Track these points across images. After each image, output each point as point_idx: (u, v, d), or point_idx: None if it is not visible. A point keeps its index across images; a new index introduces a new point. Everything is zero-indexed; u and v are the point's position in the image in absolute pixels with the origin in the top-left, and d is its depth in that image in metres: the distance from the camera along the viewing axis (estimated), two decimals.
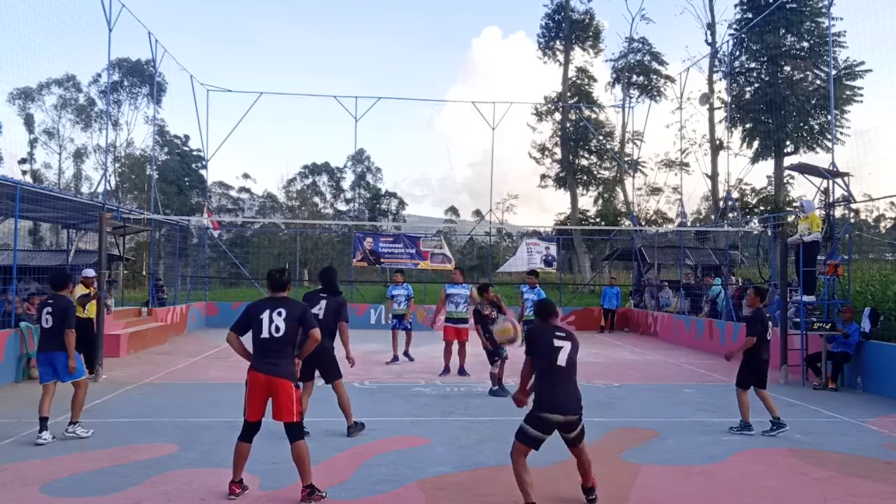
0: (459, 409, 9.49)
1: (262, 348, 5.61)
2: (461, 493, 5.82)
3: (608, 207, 37.25)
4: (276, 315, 5.60)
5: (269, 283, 5.88)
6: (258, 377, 5.54)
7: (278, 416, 5.54)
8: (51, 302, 7.54)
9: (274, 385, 5.51)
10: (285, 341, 5.61)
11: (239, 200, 57.07)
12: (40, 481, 5.96)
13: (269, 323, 5.58)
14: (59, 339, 7.38)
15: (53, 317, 7.43)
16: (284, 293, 5.84)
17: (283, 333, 5.58)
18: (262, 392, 5.54)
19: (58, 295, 7.66)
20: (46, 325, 7.46)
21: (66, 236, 20.55)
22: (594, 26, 36.80)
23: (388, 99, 53.83)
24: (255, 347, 5.65)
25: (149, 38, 19.44)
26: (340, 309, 7.77)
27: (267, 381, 5.51)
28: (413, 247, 24.89)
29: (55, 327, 7.40)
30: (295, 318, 5.65)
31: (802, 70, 29.13)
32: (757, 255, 23.10)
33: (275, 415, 5.56)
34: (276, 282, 5.84)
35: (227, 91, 24.36)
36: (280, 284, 5.84)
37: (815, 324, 11.91)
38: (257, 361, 5.58)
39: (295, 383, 5.62)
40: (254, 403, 5.57)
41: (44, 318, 7.48)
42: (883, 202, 33.61)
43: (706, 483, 6.28)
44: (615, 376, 12.86)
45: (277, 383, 5.51)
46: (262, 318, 5.61)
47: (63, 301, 7.58)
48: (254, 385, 5.56)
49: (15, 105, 49.36)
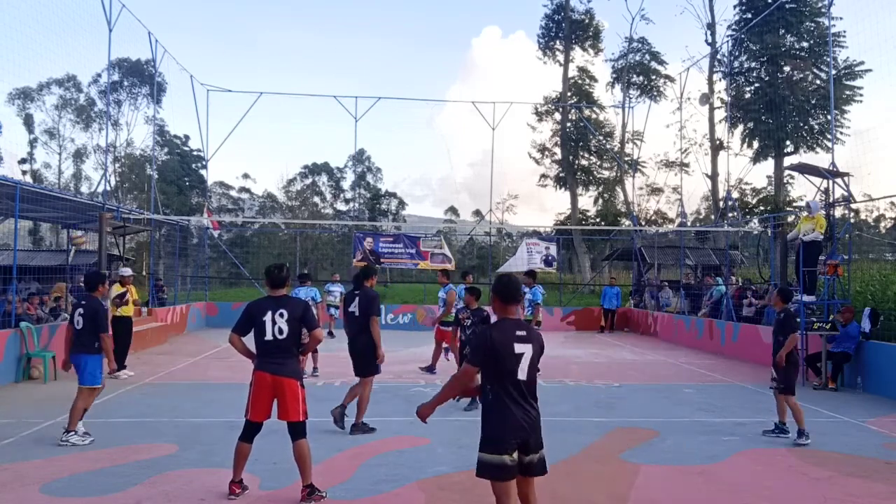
0: (459, 409, 9.48)
1: (266, 350, 5.57)
2: (461, 493, 5.81)
3: (608, 207, 37.23)
4: (278, 317, 5.54)
5: (269, 281, 5.78)
6: (265, 377, 5.50)
7: (284, 415, 5.51)
8: (83, 303, 7.48)
9: (280, 385, 5.49)
10: (289, 342, 5.57)
11: (239, 200, 57.01)
12: (40, 481, 5.96)
13: (272, 325, 5.52)
14: (86, 342, 7.35)
15: (84, 319, 7.35)
16: (284, 290, 5.77)
17: (286, 335, 5.54)
18: (268, 392, 5.52)
19: (90, 296, 7.55)
20: (78, 327, 7.41)
21: (67, 236, 20.56)
22: (594, 26, 36.81)
23: (388, 99, 53.94)
24: (259, 349, 5.60)
25: (149, 38, 19.47)
26: (371, 303, 7.85)
27: (273, 381, 5.48)
28: (413, 247, 24.90)
29: (85, 329, 7.36)
30: (297, 318, 5.60)
31: (802, 70, 29.12)
32: (757, 255, 23.12)
33: (280, 414, 5.52)
34: (275, 279, 5.74)
35: (227, 91, 24.40)
36: (280, 281, 5.74)
37: (815, 324, 11.92)
38: (262, 362, 5.54)
39: (301, 382, 5.60)
40: (258, 404, 5.53)
41: (76, 319, 7.42)
42: (883, 202, 33.64)
43: (706, 483, 6.28)
44: (615, 376, 12.86)
45: (284, 383, 5.49)
46: (264, 319, 5.54)
47: (94, 303, 7.45)
48: (260, 385, 5.51)
49: (14, 105, 49.39)
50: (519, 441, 3.95)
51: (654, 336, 21.40)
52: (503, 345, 3.97)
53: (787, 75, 29.30)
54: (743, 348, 15.71)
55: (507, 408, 3.95)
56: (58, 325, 12.82)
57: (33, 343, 11.66)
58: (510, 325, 4.08)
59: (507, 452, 3.92)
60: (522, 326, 4.12)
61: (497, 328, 4.09)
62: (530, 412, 4.01)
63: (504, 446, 3.92)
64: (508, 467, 3.94)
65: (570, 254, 36.18)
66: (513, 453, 3.95)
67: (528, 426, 3.97)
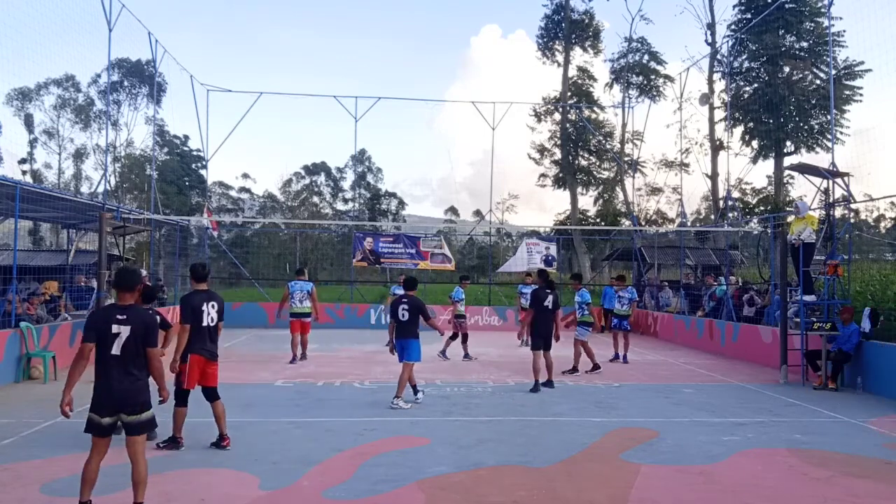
0: (459, 409, 9.49)
1: (202, 335, 6.94)
2: (461, 493, 5.82)
3: (608, 207, 37.24)
4: (210, 307, 7.01)
5: (196, 276, 7.12)
6: (200, 360, 6.99)
7: (207, 383, 7.12)
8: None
9: (211, 366, 7.09)
10: (216, 328, 7.08)
11: (239, 200, 57.03)
12: (40, 481, 5.97)
13: (207, 314, 6.97)
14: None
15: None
16: (206, 285, 7.14)
17: (216, 322, 7.07)
18: (200, 370, 7.03)
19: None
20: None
21: (67, 236, 20.55)
22: (594, 26, 36.81)
23: (388, 99, 53.95)
24: (196, 334, 6.90)
25: (149, 38, 19.46)
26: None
27: (206, 363, 7.03)
28: (413, 247, 24.90)
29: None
30: (221, 308, 7.15)
31: (802, 70, 29.12)
32: (757, 255, 23.10)
33: (205, 382, 7.10)
34: (200, 274, 7.15)
35: (227, 91, 24.39)
36: (204, 276, 7.18)
37: (815, 324, 11.92)
38: (199, 347, 6.94)
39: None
40: (192, 378, 7.01)
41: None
42: (883, 202, 33.56)
43: (706, 483, 6.27)
44: (615, 376, 12.86)
45: (213, 364, 7.12)
46: (203, 309, 6.93)
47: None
48: (196, 365, 6.98)
49: (13, 106, 49.39)
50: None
51: (654, 336, 21.40)
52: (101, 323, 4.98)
53: (786, 75, 29.30)
54: (743, 348, 15.70)
55: (99, 377, 4.99)
56: (58, 325, 12.83)
57: (33, 343, 11.66)
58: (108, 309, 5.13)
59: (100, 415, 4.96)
60: (124, 309, 5.04)
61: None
62: (122, 382, 4.95)
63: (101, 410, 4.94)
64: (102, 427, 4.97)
65: (569, 254, 36.17)
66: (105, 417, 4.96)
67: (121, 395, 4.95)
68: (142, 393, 5.08)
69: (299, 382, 11.49)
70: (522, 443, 7.60)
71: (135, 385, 5.03)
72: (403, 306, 9.74)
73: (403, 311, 9.72)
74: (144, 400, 5.09)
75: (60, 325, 12.85)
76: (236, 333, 19.74)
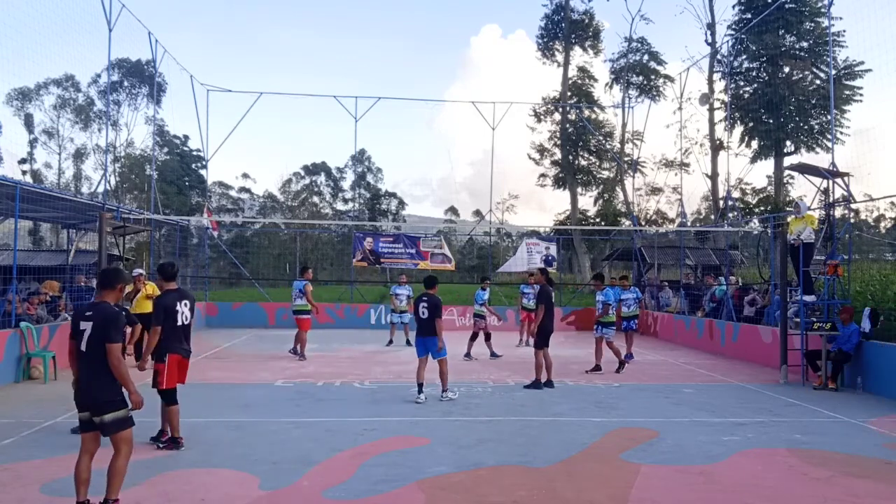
0: (459, 409, 9.49)
1: (177, 335, 7.06)
2: (461, 493, 5.81)
3: (608, 207, 37.21)
4: (182, 306, 7.10)
5: (165, 275, 7.22)
6: (177, 358, 7.11)
7: (182, 380, 7.26)
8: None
9: (185, 363, 7.24)
10: (189, 326, 7.20)
11: (239, 200, 57.09)
12: (40, 481, 5.96)
13: (181, 314, 7.08)
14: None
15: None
16: (175, 283, 7.26)
17: (189, 320, 7.18)
18: (178, 368, 7.17)
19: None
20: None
21: (67, 236, 20.55)
22: (594, 26, 36.80)
23: (388, 99, 53.92)
24: (171, 334, 7.00)
25: (149, 38, 19.46)
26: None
27: (182, 361, 7.20)
28: (413, 247, 24.90)
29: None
30: (193, 306, 7.25)
31: (802, 70, 29.12)
32: (757, 255, 23.10)
33: (182, 381, 7.26)
34: (170, 273, 7.25)
35: (227, 91, 24.38)
36: (174, 275, 7.29)
37: (815, 324, 11.91)
38: (176, 346, 7.06)
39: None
40: (172, 377, 7.11)
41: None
42: (883, 202, 33.59)
43: (706, 483, 6.27)
44: (615, 376, 12.85)
45: (187, 362, 7.30)
46: (176, 309, 7.02)
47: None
48: (175, 364, 7.10)
49: (13, 106, 49.39)
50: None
51: (654, 336, 21.39)
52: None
53: (786, 75, 29.30)
54: (743, 348, 15.70)
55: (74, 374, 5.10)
56: (58, 325, 12.82)
57: (33, 343, 11.66)
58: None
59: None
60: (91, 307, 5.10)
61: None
62: (86, 379, 4.97)
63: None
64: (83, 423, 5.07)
65: (569, 254, 36.18)
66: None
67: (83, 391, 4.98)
68: (103, 391, 4.97)
69: (299, 382, 11.49)
70: (522, 443, 7.59)
71: (96, 382, 4.97)
72: (423, 304, 9.96)
73: (423, 308, 9.94)
74: (108, 399, 4.98)
75: (60, 326, 12.84)
76: (236, 333, 19.74)
